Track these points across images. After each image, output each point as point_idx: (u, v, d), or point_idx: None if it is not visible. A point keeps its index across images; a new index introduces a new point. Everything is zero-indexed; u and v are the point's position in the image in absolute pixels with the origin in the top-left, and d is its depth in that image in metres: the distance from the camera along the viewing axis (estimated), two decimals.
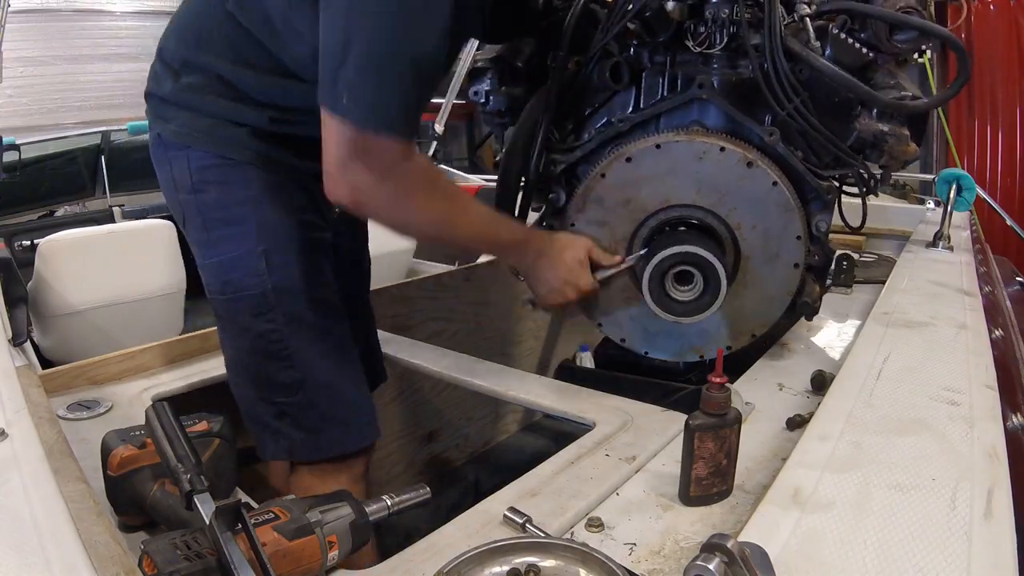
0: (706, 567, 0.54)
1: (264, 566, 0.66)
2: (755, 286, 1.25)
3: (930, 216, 2.36)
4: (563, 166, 1.30)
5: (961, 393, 0.94)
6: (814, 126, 1.17)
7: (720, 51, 1.21)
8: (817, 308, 1.30)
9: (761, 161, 1.17)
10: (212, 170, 1.10)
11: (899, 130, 1.17)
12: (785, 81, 1.14)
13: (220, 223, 1.11)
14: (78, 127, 5.12)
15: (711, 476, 0.87)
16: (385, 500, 0.83)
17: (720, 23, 1.19)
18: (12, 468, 0.78)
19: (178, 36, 1.13)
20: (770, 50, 1.14)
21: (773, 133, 1.19)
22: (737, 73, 1.23)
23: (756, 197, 1.18)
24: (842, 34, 1.14)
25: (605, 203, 1.24)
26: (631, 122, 1.26)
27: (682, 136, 1.19)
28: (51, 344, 2.73)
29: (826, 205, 1.24)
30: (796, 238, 1.20)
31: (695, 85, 1.22)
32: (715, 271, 1.16)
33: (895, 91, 1.15)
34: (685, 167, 1.19)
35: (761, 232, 1.21)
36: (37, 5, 5.92)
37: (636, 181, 1.22)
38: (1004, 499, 0.70)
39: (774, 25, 1.13)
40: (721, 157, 1.17)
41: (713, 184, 1.19)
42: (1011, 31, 4.60)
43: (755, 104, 1.21)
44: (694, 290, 1.20)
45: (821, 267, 1.29)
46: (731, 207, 1.20)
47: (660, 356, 1.36)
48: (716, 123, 1.23)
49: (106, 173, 4.78)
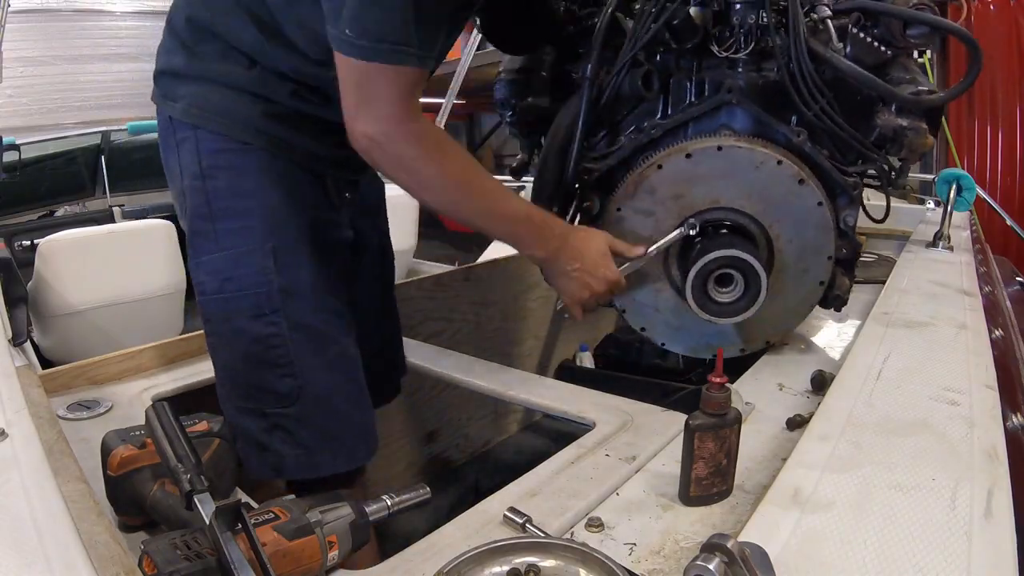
0: (706, 567, 0.54)
1: (264, 566, 0.66)
2: (781, 296, 1.29)
3: (930, 216, 2.36)
4: (598, 174, 1.32)
5: (961, 393, 0.94)
6: (840, 125, 1.20)
7: (746, 55, 1.24)
8: (846, 300, 1.34)
9: (811, 180, 1.20)
10: (223, 155, 1.03)
11: (918, 123, 1.19)
12: (810, 82, 1.17)
13: (227, 214, 1.03)
14: (78, 127, 5.13)
15: (711, 476, 0.87)
16: (385, 500, 0.83)
17: (746, 28, 1.21)
18: (12, 468, 0.78)
19: (191, 4, 1.05)
20: (795, 53, 1.16)
21: (801, 134, 1.21)
22: (763, 76, 1.25)
23: (800, 214, 1.22)
24: (860, 33, 1.16)
25: (656, 194, 1.25)
26: (662, 128, 1.27)
27: (744, 143, 1.20)
28: (51, 344, 2.73)
29: (852, 200, 1.27)
30: (827, 258, 1.25)
31: (723, 90, 1.24)
32: (758, 277, 1.18)
33: (912, 86, 1.17)
34: (742, 173, 1.21)
35: (797, 247, 1.25)
36: (37, 5, 5.93)
37: (691, 178, 1.23)
38: (1004, 499, 0.70)
39: (798, 28, 1.15)
40: (777, 170, 1.19)
41: (764, 194, 1.22)
42: (1011, 31, 4.60)
43: (781, 105, 1.24)
44: (733, 292, 1.22)
45: (849, 260, 1.32)
46: (776, 218, 1.24)
47: (676, 350, 1.39)
48: (744, 126, 1.25)
49: (106, 173, 4.79)
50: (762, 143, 1.21)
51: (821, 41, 1.17)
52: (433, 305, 2.00)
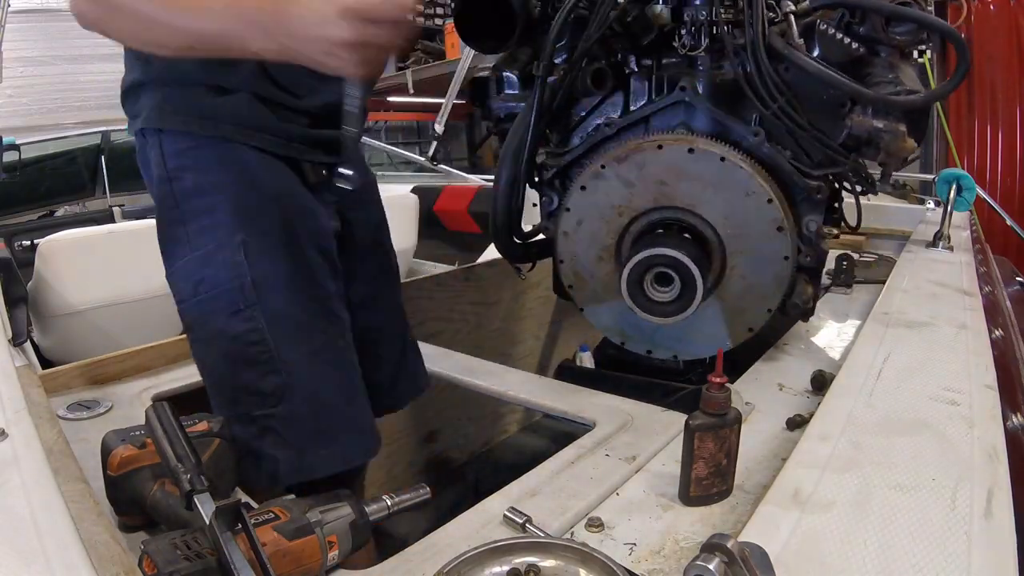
0: (706, 567, 0.54)
1: (264, 566, 0.66)
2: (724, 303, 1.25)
3: (930, 216, 2.36)
4: (554, 170, 1.31)
5: (961, 393, 0.94)
6: (800, 124, 1.16)
7: (704, 52, 1.20)
8: (810, 310, 1.28)
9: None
10: (188, 153, 1.00)
11: (894, 126, 1.14)
12: (769, 80, 1.13)
13: (196, 213, 0.99)
14: (78, 127, 5.13)
15: (711, 476, 0.87)
16: (385, 500, 0.84)
17: (701, 25, 1.18)
18: (12, 468, 0.78)
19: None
20: (751, 50, 1.13)
21: (758, 133, 1.18)
22: (721, 74, 1.22)
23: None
24: (830, 29, 1.12)
25: (644, 170, 1.20)
26: (617, 126, 1.26)
27: (747, 166, 1.17)
28: (51, 344, 2.72)
29: (815, 204, 1.22)
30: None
31: (678, 88, 1.22)
32: (694, 280, 1.14)
33: (891, 86, 1.13)
34: (732, 195, 1.17)
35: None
36: (37, 5, 5.93)
37: (682, 173, 1.19)
38: (1004, 499, 0.70)
39: (756, 24, 1.12)
40: (766, 207, 1.17)
41: (743, 225, 1.19)
42: (1011, 31, 4.60)
43: (742, 104, 1.21)
44: (670, 293, 1.19)
45: (813, 268, 1.27)
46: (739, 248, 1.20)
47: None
48: (703, 125, 1.23)
49: (106, 173, 4.79)
50: (767, 176, 1.17)
51: (786, 38, 1.13)
52: (433, 305, 2.00)
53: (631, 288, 1.18)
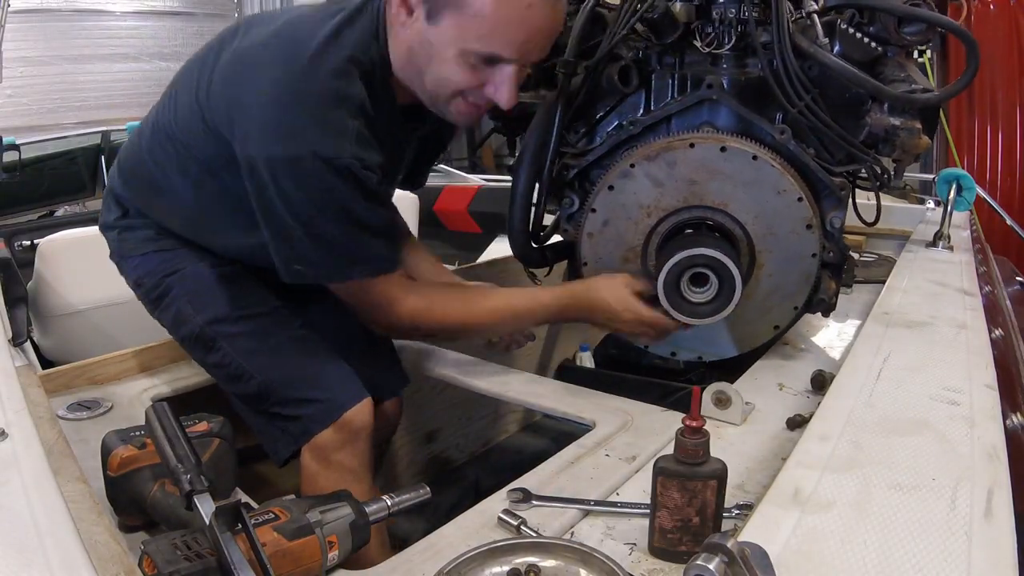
0: (706, 567, 0.54)
1: (264, 566, 0.66)
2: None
3: (930, 216, 2.36)
4: (576, 171, 1.30)
5: (961, 393, 0.94)
6: (825, 122, 1.17)
7: (728, 51, 1.21)
8: (833, 304, 1.30)
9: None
10: (145, 264, 1.27)
11: (910, 123, 1.16)
12: (795, 79, 1.14)
13: (161, 301, 1.25)
14: (78, 127, 5.12)
15: (677, 531, 0.76)
16: (385, 500, 0.84)
17: (728, 23, 1.19)
18: (12, 468, 0.78)
19: (124, 179, 1.33)
20: (779, 48, 1.13)
21: (784, 131, 1.19)
22: (746, 72, 1.23)
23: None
24: (850, 29, 1.14)
25: (675, 169, 1.20)
26: (641, 124, 1.25)
27: (777, 164, 1.18)
28: (51, 344, 2.72)
29: (839, 201, 1.24)
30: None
31: (704, 86, 1.22)
32: (732, 278, 1.16)
33: (905, 84, 1.15)
34: (764, 192, 1.18)
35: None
36: (37, 5, 5.93)
37: (715, 172, 1.19)
38: (1004, 499, 0.70)
39: (782, 23, 1.13)
40: (796, 205, 1.18)
41: (771, 221, 1.21)
42: (1011, 31, 4.59)
43: (765, 102, 1.21)
44: (707, 293, 1.20)
45: (836, 263, 1.28)
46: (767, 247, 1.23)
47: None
48: (727, 123, 1.23)
49: (106, 173, 4.78)
50: (795, 173, 1.18)
51: (808, 37, 1.14)
52: None
53: (667, 289, 1.18)
